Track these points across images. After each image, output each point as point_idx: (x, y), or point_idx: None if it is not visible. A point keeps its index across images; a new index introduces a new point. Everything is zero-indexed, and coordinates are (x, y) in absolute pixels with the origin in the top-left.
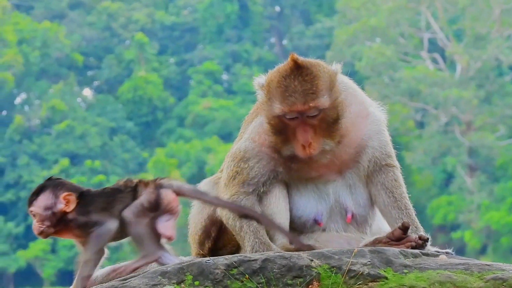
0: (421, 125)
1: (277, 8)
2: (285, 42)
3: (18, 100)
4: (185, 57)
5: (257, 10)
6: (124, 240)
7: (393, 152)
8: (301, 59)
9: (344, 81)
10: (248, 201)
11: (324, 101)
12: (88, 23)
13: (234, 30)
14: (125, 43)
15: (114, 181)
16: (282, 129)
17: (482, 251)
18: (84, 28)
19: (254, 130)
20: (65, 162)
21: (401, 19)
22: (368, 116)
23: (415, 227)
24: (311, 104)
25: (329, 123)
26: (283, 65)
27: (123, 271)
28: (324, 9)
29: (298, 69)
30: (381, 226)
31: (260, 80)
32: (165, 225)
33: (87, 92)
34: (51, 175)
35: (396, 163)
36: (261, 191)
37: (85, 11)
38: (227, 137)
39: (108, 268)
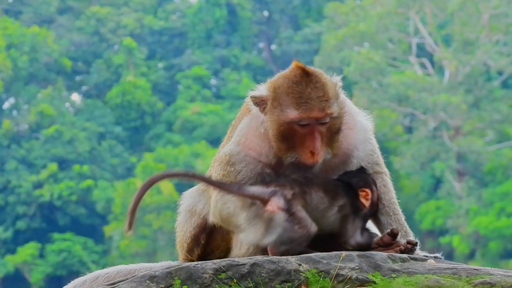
0: (409, 130)
1: (266, 13)
2: (273, 47)
3: (6, 105)
4: (174, 62)
5: (246, 15)
6: None
7: (381, 160)
8: (306, 66)
9: (340, 91)
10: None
11: (335, 108)
12: (77, 28)
13: (222, 35)
14: (113, 48)
15: (102, 186)
16: (290, 136)
17: (471, 256)
18: (73, 33)
19: (240, 133)
20: (53, 167)
21: (390, 24)
22: (355, 125)
23: (405, 232)
24: (327, 111)
25: (333, 132)
26: (288, 72)
27: None
28: (313, 14)
29: (307, 76)
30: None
31: (258, 91)
32: None
33: (76, 97)
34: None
35: (385, 169)
36: None
37: (73, 16)
38: (216, 142)
39: (96, 272)
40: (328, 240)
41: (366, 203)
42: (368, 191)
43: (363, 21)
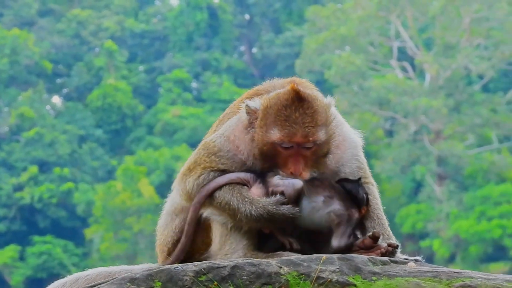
0: (390, 133)
1: (247, 17)
2: (254, 50)
3: None
4: (155, 65)
5: (227, 18)
6: None
7: (368, 174)
8: (301, 90)
9: (333, 113)
10: (216, 174)
11: (321, 135)
12: (58, 31)
13: (203, 38)
14: (94, 51)
15: (83, 189)
16: (272, 155)
17: (451, 259)
18: (54, 36)
19: (229, 129)
20: (33, 169)
21: (371, 28)
22: (344, 144)
23: (387, 235)
24: (310, 138)
25: (319, 155)
26: (282, 93)
27: None
28: (294, 17)
29: (299, 101)
30: None
31: (254, 104)
32: None
33: (56, 99)
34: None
35: (372, 180)
36: None
37: (54, 18)
38: (196, 145)
39: (76, 274)
40: (312, 241)
41: (361, 215)
42: (365, 209)
43: (344, 24)
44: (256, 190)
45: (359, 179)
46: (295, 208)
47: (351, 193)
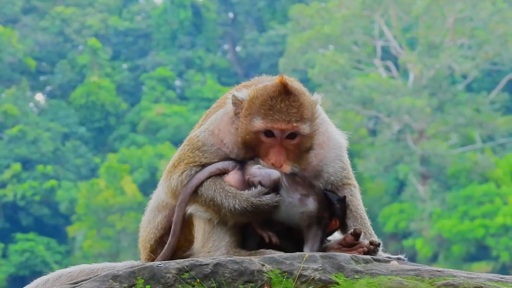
0: (373, 133)
1: (231, 15)
2: (238, 48)
3: None
4: (138, 62)
5: (211, 16)
6: None
7: (351, 175)
8: (289, 84)
9: (319, 110)
10: (199, 169)
11: (305, 128)
12: (41, 28)
13: (187, 36)
14: (78, 48)
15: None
16: (255, 145)
17: (434, 259)
18: (37, 33)
19: (214, 123)
20: (17, 167)
21: (355, 27)
22: (328, 144)
23: (369, 234)
24: (294, 124)
25: (302, 150)
26: (270, 85)
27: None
28: (278, 16)
29: (286, 93)
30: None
31: (241, 94)
32: None
33: (40, 97)
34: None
35: (354, 182)
36: None
37: (38, 16)
38: (180, 143)
39: (58, 272)
40: (292, 237)
41: (330, 228)
42: (337, 222)
43: (328, 23)
44: (232, 177)
45: (344, 197)
46: (277, 195)
47: (330, 200)
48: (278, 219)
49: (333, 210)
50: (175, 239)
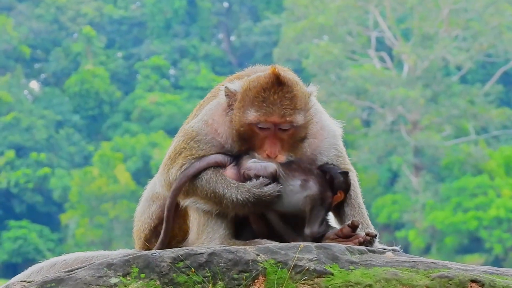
0: (367, 123)
1: (225, 4)
2: (232, 38)
3: None
4: (133, 51)
5: (205, 6)
6: None
7: (348, 161)
8: (282, 74)
9: (313, 101)
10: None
11: (299, 118)
12: (36, 16)
13: (182, 25)
14: (73, 36)
15: (59, 174)
16: (249, 137)
17: (426, 250)
18: (32, 21)
19: (208, 113)
20: (10, 154)
21: (349, 18)
22: (322, 133)
23: (366, 225)
24: (287, 119)
25: (296, 140)
26: (263, 76)
27: None
28: (272, 6)
29: (279, 85)
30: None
31: (233, 86)
32: None
33: (34, 84)
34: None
35: (352, 168)
36: None
37: (33, 3)
38: (173, 132)
39: (53, 259)
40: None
41: (335, 202)
42: (342, 193)
43: (322, 13)
44: (229, 172)
45: (347, 172)
46: (278, 185)
47: (330, 176)
48: (282, 208)
49: (336, 183)
50: (168, 226)
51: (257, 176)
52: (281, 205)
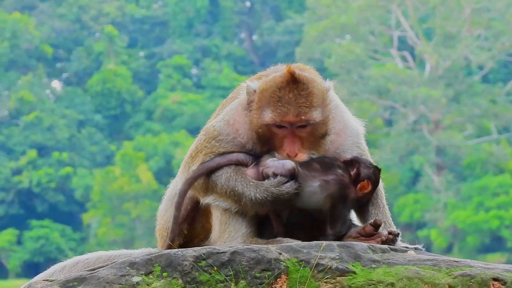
0: (389, 123)
1: (248, 4)
2: (255, 37)
3: None
4: (155, 50)
5: (228, 5)
6: None
7: (371, 161)
8: (297, 72)
9: (331, 97)
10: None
11: (316, 115)
12: (58, 15)
13: (204, 24)
14: (95, 36)
15: (81, 173)
16: (268, 137)
17: (448, 249)
18: (54, 20)
19: (230, 113)
20: (32, 153)
21: (371, 17)
22: (345, 131)
23: (389, 224)
24: (303, 117)
25: (316, 137)
26: (279, 75)
27: None
28: (295, 5)
29: (294, 83)
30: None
31: (253, 85)
32: None
33: (56, 84)
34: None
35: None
36: None
37: (55, 2)
38: (195, 131)
39: (75, 258)
40: (310, 229)
41: (359, 193)
42: (369, 184)
43: (344, 13)
44: (250, 172)
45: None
46: (296, 183)
47: (358, 168)
48: (301, 207)
49: (364, 175)
50: (179, 213)
51: (275, 175)
52: (300, 204)
